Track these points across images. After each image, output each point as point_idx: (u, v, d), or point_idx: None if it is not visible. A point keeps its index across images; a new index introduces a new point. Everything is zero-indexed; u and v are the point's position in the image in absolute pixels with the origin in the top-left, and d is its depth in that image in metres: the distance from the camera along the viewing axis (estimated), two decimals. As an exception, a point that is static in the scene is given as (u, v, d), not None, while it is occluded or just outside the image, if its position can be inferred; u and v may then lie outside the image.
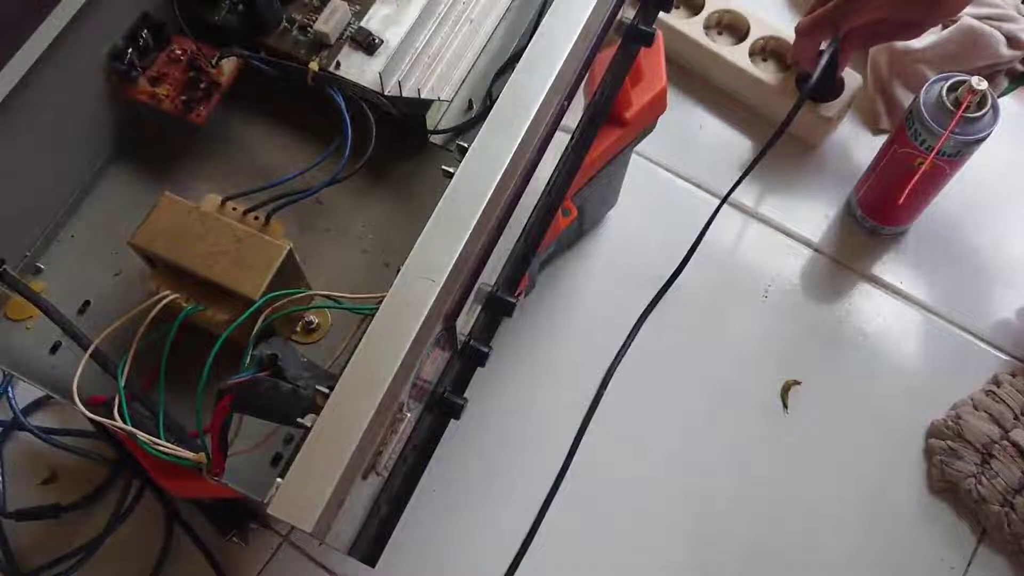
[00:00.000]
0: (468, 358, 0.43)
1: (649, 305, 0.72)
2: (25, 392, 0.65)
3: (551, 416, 0.69)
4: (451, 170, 0.38)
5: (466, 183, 0.37)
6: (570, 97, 0.42)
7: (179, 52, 0.47)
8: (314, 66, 0.45)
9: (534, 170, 0.41)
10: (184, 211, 0.42)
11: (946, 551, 0.64)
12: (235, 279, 0.40)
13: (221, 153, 0.49)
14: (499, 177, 0.37)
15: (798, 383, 0.69)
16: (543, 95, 0.39)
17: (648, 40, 0.50)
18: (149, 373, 0.42)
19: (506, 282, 0.45)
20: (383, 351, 0.34)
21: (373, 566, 0.40)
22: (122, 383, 0.40)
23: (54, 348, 0.45)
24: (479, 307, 0.42)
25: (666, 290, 0.72)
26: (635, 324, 0.71)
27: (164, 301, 0.40)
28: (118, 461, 0.66)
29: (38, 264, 0.47)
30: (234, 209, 0.43)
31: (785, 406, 0.69)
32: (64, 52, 0.43)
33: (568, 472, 0.67)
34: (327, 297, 0.42)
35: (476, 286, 0.39)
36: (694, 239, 0.72)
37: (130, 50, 0.45)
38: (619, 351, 0.70)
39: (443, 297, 0.35)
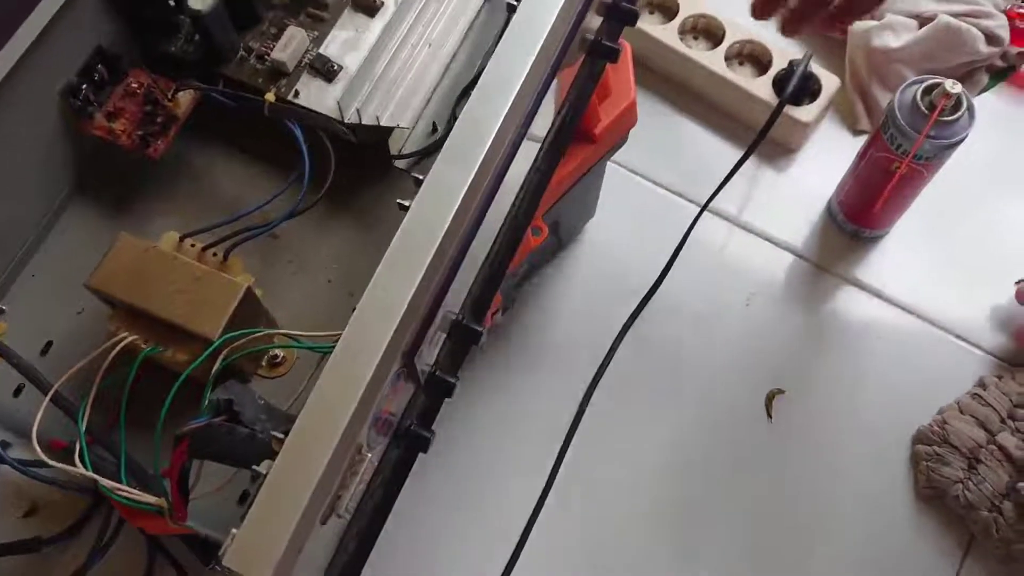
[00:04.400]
0: (434, 389, 0.42)
1: (631, 316, 0.71)
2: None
3: (535, 430, 0.68)
4: (406, 203, 0.37)
5: (421, 217, 0.36)
6: (529, 121, 0.41)
7: (135, 86, 0.46)
8: (270, 97, 0.44)
9: (494, 196, 0.40)
10: (141, 251, 0.41)
11: (934, 557, 0.64)
12: (193, 320, 0.40)
13: (181, 187, 0.49)
14: (454, 211, 0.36)
15: (782, 391, 0.68)
16: (499, 123, 0.38)
17: (613, 56, 0.50)
18: (111, 414, 0.41)
19: (472, 309, 0.44)
20: (337, 394, 0.33)
21: None
22: (83, 427, 0.39)
23: (17, 391, 0.44)
24: (443, 336, 0.42)
25: (648, 300, 0.72)
26: (617, 335, 0.71)
27: (122, 343, 0.40)
28: (98, 492, 0.65)
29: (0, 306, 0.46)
30: (192, 246, 0.43)
31: (769, 415, 0.68)
32: (16, 90, 0.42)
33: (552, 487, 0.66)
34: (286, 336, 0.41)
35: (437, 319, 0.38)
36: (675, 248, 0.72)
37: (84, 86, 0.45)
38: (602, 363, 0.70)
39: (399, 336, 0.35)
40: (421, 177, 0.39)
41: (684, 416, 0.68)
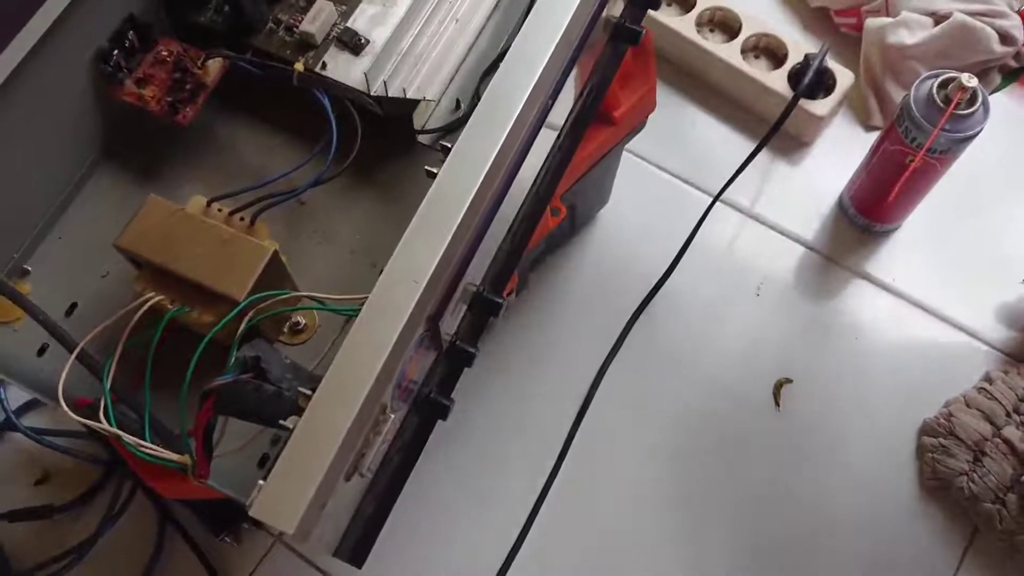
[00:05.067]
0: (454, 359, 0.43)
1: (642, 303, 0.72)
2: (17, 393, 0.65)
3: (543, 414, 0.69)
4: (434, 170, 0.38)
5: (448, 184, 0.37)
6: (554, 97, 0.42)
7: (165, 54, 0.47)
8: (299, 66, 0.45)
9: (518, 170, 0.41)
10: (169, 213, 0.42)
11: (938, 548, 0.64)
12: (220, 281, 0.40)
13: (209, 154, 0.49)
14: (481, 178, 0.37)
15: (790, 381, 0.69)
16: (525, 97, 0.39)
17: (636, 38, 0.50)
18: (136, 375, 0.42)
19: (493, 281, 0.45)
20: (364, 353, 0.34)
21: (360, 567, 0.40)
22: (107, 385, 0.40)
23: (41, 350, 0.45)
24: (464, 307, 0.42)
25: (659, 288, 0.72)
26: (627, 322, 0.71)
27: (149, 303, 0.40)
28: (110, 462, 0.66)
29: (25, 267, 0.46)
30: (220, 211, 0.43)
31: (777, 404, 0.69)
32: (49, 54, 0.43)
33: (560, 471, 0.67)
34: (311, 299, 0.42)
35: (460, 287, 0.39)
36: (686, 237, 0.72)
37: (115, 51, 0.45)
38: (611, 349, 0.70)
39: (425, 299, 0.35)
40: (449, 145, 0.39)
41: (692, 403, 0.69)
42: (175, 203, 0.42)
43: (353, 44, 0.47)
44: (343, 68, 0.46)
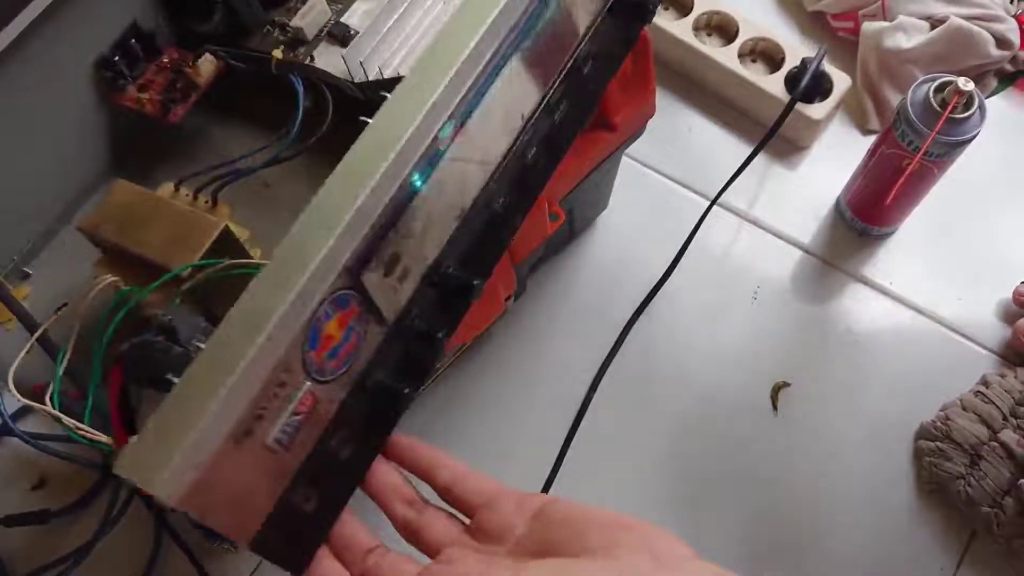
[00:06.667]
0: (410, 339, 0.39)
1: (639, 307, 0.72)
2: (13, 398, 0.65)
3: (540, 418, 0.68)
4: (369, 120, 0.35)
5: (379, 131, 0.34)
6: (519, 40, 0.39)
7: (167, 61, 0.47)
8: (277, 54, 0.45)
9: (470, 114, 0.37)
10: (135, 195, 0.42)
11: (935, 552, 0.64)
12: (171, 258, 0.40)
13: (206, 157, 0.49)
14: (417, 123, 0.33)
15: (788, 384, 0.69)
16: (477, 37, 0.36)
17: (645, 15, 0.48)
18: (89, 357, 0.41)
19: (462, 260, 0.41)
20: (259, 305, 0.30)
21: (297, 573, 0.36)
22: (60, 370, 0.40)
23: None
24: (426, 287, 0.39)
25: (656, 292, 0.72)
26: (625, 326, 0.71)
27: (100, 285, 0.40)
28: (107, 466, 0.65)
29: (26, 269, 0.47)
30: (187, 195, 0.44)
31: (775, 408, 0.69)
32: (47, 56, 0.43)
33: (557, 475, 0.66)
34: (242, 265, 0.41)
35: (392, 242, 0.35)
36: (684, 240, 0.73)
37: (117, 58, 0.45)
38: (609, 353, 0.70)
39: (340, 248, 0.32)
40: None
41: (689, 407, 0.69)
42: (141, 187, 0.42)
43: (343, 37, 0.47)
44: (331, 60, 0.46)
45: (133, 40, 0.46)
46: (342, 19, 0.48)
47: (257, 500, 0.33)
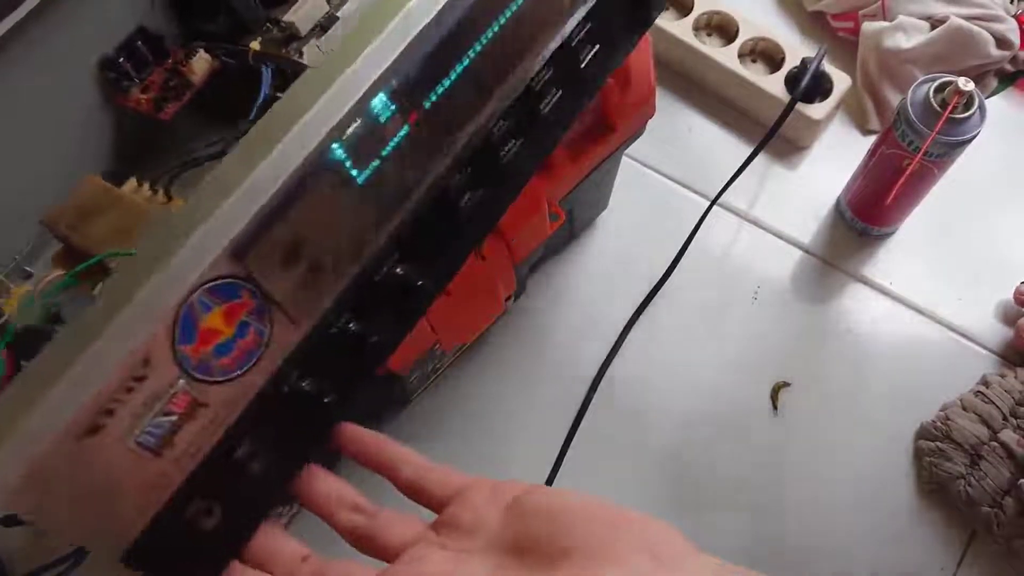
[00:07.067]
0: (341, 345, 0.35)
1: (639, 307, 0.72)
2: None
3: (540, 418, 0.69)
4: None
5: (291, 101, 0.30)
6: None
7: (171, 62, 0.47)
8: (255, 45, 0.45)
9: (421, 101, 0.33)
10: (97, 191, 0.42)
11: (935, 552, 0.64)
12: (106, 249, 0.39)
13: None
14: (330, 92, 0.30)
15: (788, 384, 0.69)
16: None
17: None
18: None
19: (416, 258, 0.36)
20: (121, 287, 0.27)
21: None
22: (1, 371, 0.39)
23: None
24: (361, 285, 0.34)
25: (656, 292, 0.72)
26: (625, 326, 0.71)
27: (48, 278, 0.40)
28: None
29: (28, 268, 0.46)
30: (150, 189, 0.44)
31: (775, 407, 0.69)
32: (50, 52, 0.43)
33: (557, 476, 0.67)
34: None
35: (287, 229, 0.30)
36: (684, 240, 0.73)
37: (121, 59, 0.45)
38: (609, 353, 0.70)
39: (216, 229, 0.28)
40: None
41: (689, 407, 0.69)
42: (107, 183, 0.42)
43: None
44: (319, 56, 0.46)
45: (140, 42, 0.46)
46: (337, 13, 0.47)
47: (123, 509, 0.30)
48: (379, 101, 0.32)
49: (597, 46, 0.43)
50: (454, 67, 0.34)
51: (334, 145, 0.31)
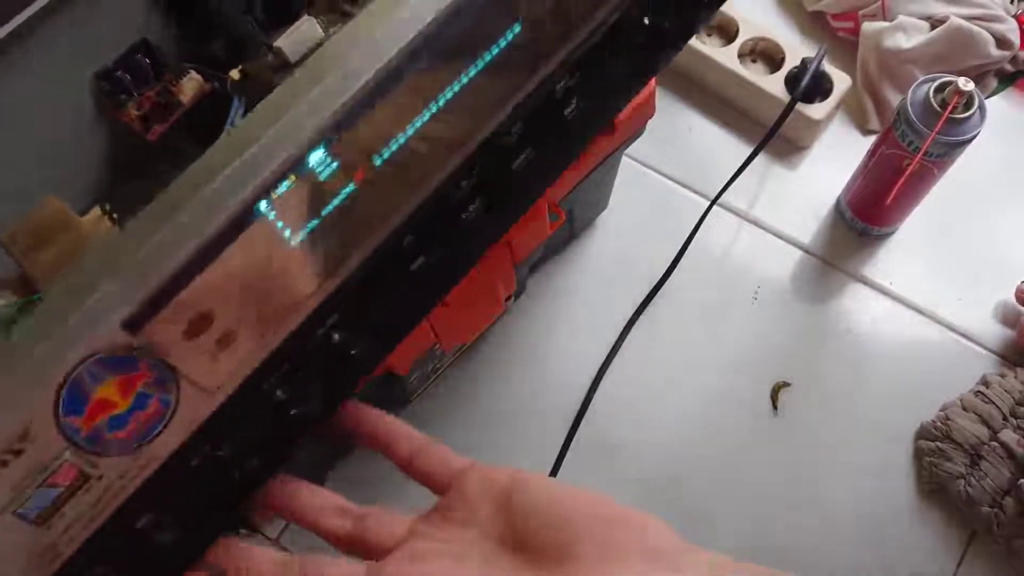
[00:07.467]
0: (266, 413, 0.32)
1: (639, 307, 0.72)
2: None
3: (541, 419, 0.69)
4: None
5: (217, 152, 0.28)
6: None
7: (162, 82, 0.47)
8: (234, 74, 0.45)
9: (374, 154, 0.30)
10: (55, 215, 0.41)
11: (937, 551, 0.64)
12: (50, 276, 0.39)
13: (171, 176, 0.49)
14: (245, 155, 0.26)
15: (788, 384, 0.69)
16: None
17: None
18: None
19: (355, 321, 0.33)
20: (12, 352, 0.26)
21: None
22: None
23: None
24: (290, 349, 0.31)
25: (656, 292, 0.72)
26: (625, 326, 0.71)
27: None
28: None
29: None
30: (109, 219, 0.43)
31: (775, 407, 0.69)
32: (45, 58, 0.43)
33: (556, 477, 0.67)
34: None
35: (193, 292, 0.27)
36: (684, 240, 0.73)
37: (119, 72, 0.45)
38: (609, 353, 0.70)
39: (109, 298, 0.25)
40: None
41: (689, 407, 0.69)
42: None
43: None
44: None
45: (140, 56, 0.45)
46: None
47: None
48: (316, 157, 0.28)
49: (585, 99, 0.38)
50: (411, 122, 0.30)
51: (262, 204, 0.27)
